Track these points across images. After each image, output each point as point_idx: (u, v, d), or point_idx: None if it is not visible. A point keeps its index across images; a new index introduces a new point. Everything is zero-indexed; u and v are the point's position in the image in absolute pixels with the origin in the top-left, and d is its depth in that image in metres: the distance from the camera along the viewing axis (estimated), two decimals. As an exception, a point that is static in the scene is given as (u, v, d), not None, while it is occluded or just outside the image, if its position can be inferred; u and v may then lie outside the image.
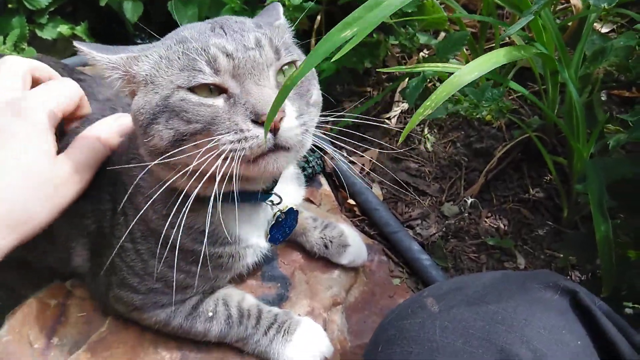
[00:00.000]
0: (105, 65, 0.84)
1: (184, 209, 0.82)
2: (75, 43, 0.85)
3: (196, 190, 0.81)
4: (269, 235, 1.02)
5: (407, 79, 1.59)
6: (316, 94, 0.88)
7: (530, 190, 1.41)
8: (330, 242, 1.18)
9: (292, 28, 0.98)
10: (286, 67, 0.85)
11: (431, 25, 1.55)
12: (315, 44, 1.66)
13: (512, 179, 1.43)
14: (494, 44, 1.65)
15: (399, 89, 1.61)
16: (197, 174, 0.78)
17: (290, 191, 1.06)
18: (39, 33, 1.68)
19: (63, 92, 0.95)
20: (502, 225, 1.37)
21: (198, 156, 0.76)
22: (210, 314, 1.00)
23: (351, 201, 1.43)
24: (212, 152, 0.76)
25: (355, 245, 1.18)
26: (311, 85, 0.88)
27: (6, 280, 1.22)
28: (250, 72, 0.79)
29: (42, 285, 1.19)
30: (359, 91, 1.70)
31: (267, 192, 0.97)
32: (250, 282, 1.19)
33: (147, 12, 1.60)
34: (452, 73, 0.83)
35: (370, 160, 1.54)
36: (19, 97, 0.89)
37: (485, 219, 1.38)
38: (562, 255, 1.28)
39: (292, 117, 0.78)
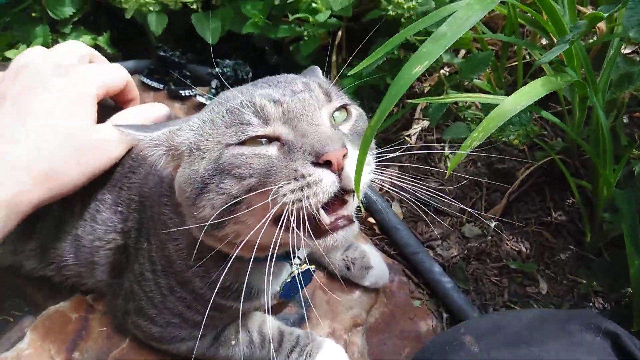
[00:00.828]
0: (147, 143, 0.79)
1: (217, 272, 0.80)
2: (115, 124, 0.84)
3: (234, 254, 0.76)
4: (282, 291, 0.99)
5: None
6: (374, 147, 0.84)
7: (553, 213, 1.40)
8: (353, 263, 1.18)
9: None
10: (337, 113, 0.81)
11: (456, 43, 1.54)
12: (336, 59, 1.67)
13: (534, 201, 1.42)
14: (515, 62, 1.64)
15: (420, 107, 1.60)
16: (246, 242, 0.73)
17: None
18: (60, 42, 1.68)
19: (112, 72, 1.02)
20: (524, 249, 1.35)
21: (253, 223, 0.70)
22: (233, 341, 1.00)
23: (371, 219, 1.43)
24: (270, 212, 0.68)
25: (377, 267, 1.17)
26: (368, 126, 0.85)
27: (26, 290, 1.22)
28: (301, 113, 0.73)
29: (63, 297, 1.20)
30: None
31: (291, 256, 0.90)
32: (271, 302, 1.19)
33: (170, 25, 1.60)
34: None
35: (390, 178, 1.53)
36: (72, 64, 0.97)
37: (507, 242, 1.36)
38: (585, 282, 1.27)
39: (355, 156, 0.70)
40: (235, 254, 0.76)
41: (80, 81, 0.94)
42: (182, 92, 1.62)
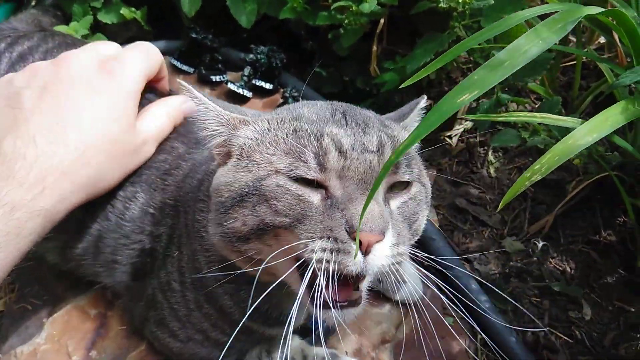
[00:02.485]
0: (213, 117, 0.76)
1: (247, 291, 0.76)
2: (183, 83, 0.78)
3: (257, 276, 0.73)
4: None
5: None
6: (422, 219, 0.78)
7: (602, 232, 1.30)
8: (386, 276, 1.11)
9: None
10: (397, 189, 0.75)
11: (507, 39, 1.43)
12: (377, 49, 1.57)
13: (583, 217, 1.32)
14: (573, 62, 1.52)
15: (465, 108, 1.50)
16: (264, 265, 0.70)
17: None
18: (99, 17, 1.62)
19: (150, 61, 0.99)
20: (568, 268, 1.26)
21: (275, 253, 0.69)
22: None
23: (405, 226, 1.35)
24: (292, 254, 0.68)
25: (412, 281, 1.10)
26: (420, 207, 0.77)
27: (46, 280, 1.19)
28: (360, 177, 0.69)
29: (83, 289, 1.16)
30: (419, 103, 1.60)
31: None
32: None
33: (203, 5, 1.52)
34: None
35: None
36: (114, 56, 0.93)
37: (551, 259, 1.27)
38: (633, 310, 1.18)
39: (387, 244, 0.68)
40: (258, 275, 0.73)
41: (124, 81, 0.90)
42: (213, 78, 1.55)
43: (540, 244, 1.25)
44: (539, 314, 1.20)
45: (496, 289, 1.22)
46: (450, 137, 1.50)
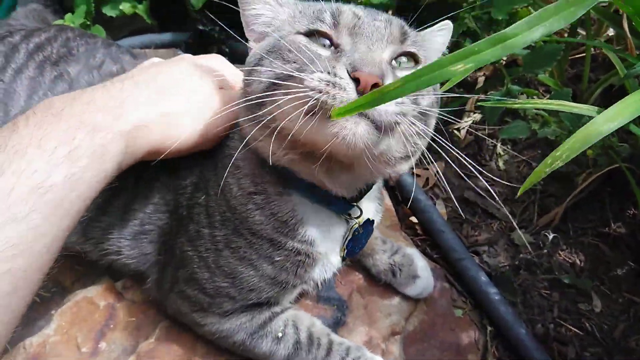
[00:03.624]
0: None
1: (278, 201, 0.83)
2: None
3: (282, 158, 0.78)
4: (346, 250, 0.95)
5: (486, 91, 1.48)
6: (429, 100, 0.78)
7: (612, 224, 1.29)
8: (400, 270, 1.10)
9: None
10: (404, 58, 0.79)
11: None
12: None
13: (593, 209, 1.31)
14: (582, 54, 1.51)
15: (473, 100, 1.49)
16: (277, 131, 0.72)
17: (370, 209, 0.98)
18: (103, 9, 1.61)
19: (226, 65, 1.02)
20: (578, 261, 1.26)
21: (284, 102, 0.70)
22: (280, 334, 0.95)
23: (414, 219, 1.34)
24: (298, 99, 0.69)
25: (424, 277, 1.10)
26: (426, 89, 0.78)
27: (53, 272, 1.19)
28: (368, 35, 0.75)
29: (91, 281, 1.16)
30: (427, 96, 1.59)
31: (349, 204, 0.91)
32: (305, 302, 1.13)
33: (211, -4, 1.51)
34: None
35: (435, 175, 1.44)
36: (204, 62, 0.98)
37: (560, 252, 1.27)
38: (644, 302, 1.17)
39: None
40: (280, 159, 0.79)
41: (209, 77, 0.94)
42: (220, 70, 1.54)
43: (550, 236, 1.24)
44: (549, 306, 1.20)
45: (506, 281, 1.23)
46: (458, 129, 1.49)
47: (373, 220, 0.98)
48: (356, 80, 0.67)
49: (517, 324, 1.13)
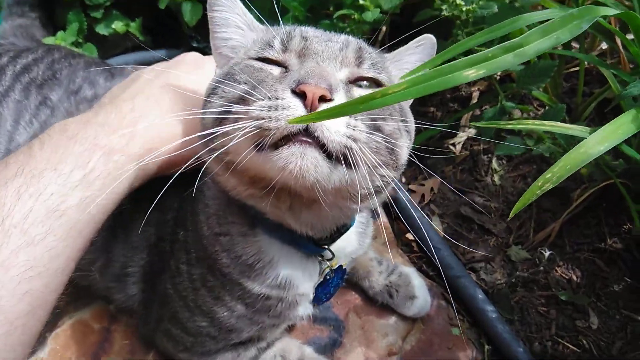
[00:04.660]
0: (238, 15, 0.82)
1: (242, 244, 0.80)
2: None
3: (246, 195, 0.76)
4: (314, 295, 0.91)
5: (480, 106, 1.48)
6: (393, 126, 0.71)
7: (608, 239, 1.29)
8: (396, 291, 1.10)
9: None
10: (366, 83, 0.75)
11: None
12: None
13: (588, 224, 1.31)
14: (570, 68, 1.52)
15: (467, 115, 1.49)
16: (231, 164, 0.69)
17: (344, 244, 0.91)
18: (96, 28, 1.61)
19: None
20: (574, 277, 1.25)
21: (231, 132, 0.65)
22: None
23: (410, 236, 1.34)
24: (242, 125, 0.65)
25: (421, 296, 1.10)
26: (393, 111, 0.74)
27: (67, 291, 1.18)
28: (317, 53, 0.72)
29: (84, 303, 1.15)
30: (421, 111, 1.59)
31: (320, 246, 0.86)
32: (300, 323, 1.12)
33: (204, 13, 1.51)
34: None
35: (431, 190, 1.44)
36: None
37: (557, 268, 1.26)
38: (641, 318, 1.17)
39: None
40: (244, 195, 0.76)
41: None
42: (215, 87, 1.54)
43: (547, 253, 1.24)
44: (546, 323, 1.19)
45: (503, 299, 1.22)
46: (454, 144, 1.49)
47: (345, 270, 0.94)
48: (302, 95, 0.63)
49: (515, 342, 1.12)
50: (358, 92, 0.72)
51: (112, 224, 0.95)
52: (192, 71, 0.95)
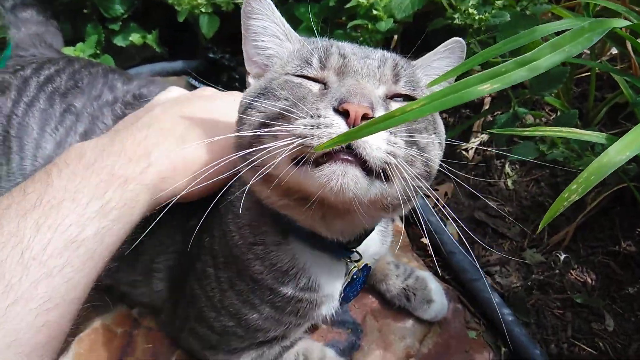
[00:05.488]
0: (274, 31, 0.83)
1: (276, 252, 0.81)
2: None
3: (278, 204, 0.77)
4: (342, 294, 0.94)
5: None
6: (428, 138, 0.74)
7: (622, 242, 1.30)
8: (414, 294, 1.11)
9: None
10: (401, 99, 0.76)
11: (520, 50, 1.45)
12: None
13: (603, 228, 1.32)
14: (587, 73, 1.53)
15: (479, 121, 1.51)
16: (267, 177, 0.69)
17: (370, 243, 0.95)
18: (114, 40, 1.66)
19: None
20: (589, 280, 1.26)
21: (271, 149, 0.67)
22: None
23: (425, 240, 1.35)
24: (283, 141, 0.66)
25: (439, 301, 1.11)
26: (428, 125, 0.76)
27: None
28: (357, 71, 0.73)
29: (107, 308, 1.17)
30: (434, 117, 1.61)
31: (348, 249, 0.89)
32: (321, 323, 1.14)
33: (220, 25, 1.55)
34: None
35: (445, 195, 1.45)
36: None
37: (571, 271, 1.27)
38: (657, 321, 1.18)
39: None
40: (277, 205, 0.78)
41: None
42: (231, 96, 1.57)
43: (562, 257, 1.25)
44: (562, 326, 1.20)
45: (519, 302, 1.23)
46: (467, 150, 1.51)
47: (370, 267, 0.97)
48: (345, 114, 0.64)
49: (532, 345, 1.13)
50: (394, 104, 0.74)
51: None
52: (210, 103, 0.95)
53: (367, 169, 0.65)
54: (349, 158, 0.64)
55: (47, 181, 0.75)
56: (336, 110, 0.65)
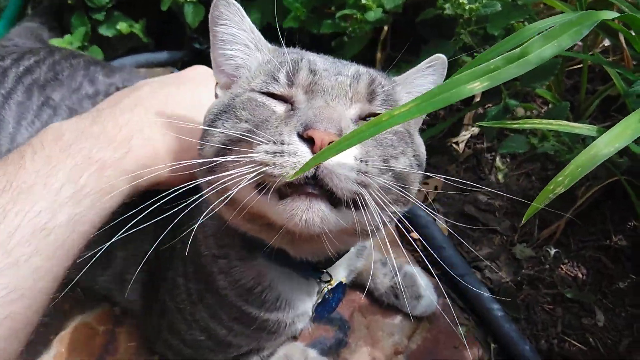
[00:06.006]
0: (243, 39, 0.77)
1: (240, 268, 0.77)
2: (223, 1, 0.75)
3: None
4: (314, 314, 0.90)
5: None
6: (404, 163, 0.68)
7: (613, 237, 1.28)
8: (402, 291, 1.10)
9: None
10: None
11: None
12: (381, 57, 1.56)
13: (594, 222, 1.31)
14: (579, 65, 1.51)
15: (470, 113, 1.49)
16: (230, 200, 0.64)
17: (342, 262, 0.89)
18: (99, 30, 1.62)
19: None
20: (580, 274, 1.25)
21: (233, 172, 0.62)
22: None
23: (414, 234, 1.33)
24: (244, 168, 0.61)
25: (427, 296, 1.09)
26: (405, 148, 0.70)
27: (51, 297, 1.18)
28: (326, 90, 0.67)
29: (89, 305, 1.15)
30: (424, 110, 1.58)
31: (318, 269, 0.84)
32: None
33: (206, 15, 1.51)
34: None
35: (435, 189, 1.43)
36: None
37: (562, 266, 1.26)
38: (647, 316, 1.16)
39: (349, 152, 0.59)
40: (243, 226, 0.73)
41: None
42: (217, 88, 1.54)
43: (552, 251, 1.23)
44: (552, 321, 1.19)
45: (508, 297, 1.22)
46: (457, 143, 1.49)
47: (346, 285, 0.92)
48: (310, 140, 0.59)
49: (521, 341, 1.12)
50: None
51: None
52: (198, 88, 0.91)
53: (336, 199, 0.60)
54: (314, 192, 0.59)
55: (19, 163, 0.71)
56: (301, 137, 0.60)
